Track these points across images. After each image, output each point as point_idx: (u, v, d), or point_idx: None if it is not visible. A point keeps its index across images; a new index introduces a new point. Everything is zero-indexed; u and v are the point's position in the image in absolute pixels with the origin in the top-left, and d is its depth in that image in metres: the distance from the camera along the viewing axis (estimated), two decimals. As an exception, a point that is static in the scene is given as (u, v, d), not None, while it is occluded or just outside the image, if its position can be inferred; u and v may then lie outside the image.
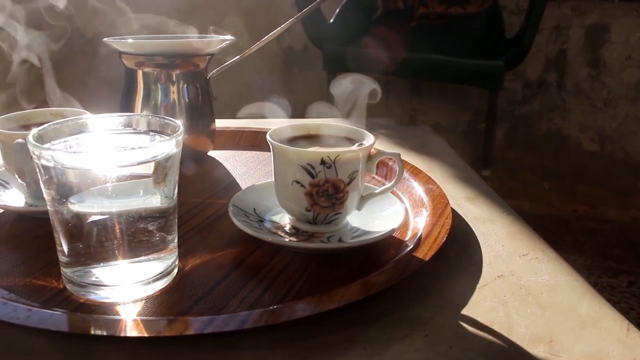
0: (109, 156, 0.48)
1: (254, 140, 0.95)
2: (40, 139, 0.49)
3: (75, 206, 0.48)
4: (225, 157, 0.89)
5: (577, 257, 2.03)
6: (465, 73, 1.99)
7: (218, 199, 0.73)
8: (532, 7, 1.95)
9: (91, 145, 0.53)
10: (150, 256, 0.51)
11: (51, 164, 0.46)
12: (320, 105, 0.95)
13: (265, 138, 0.92)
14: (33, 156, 0.48)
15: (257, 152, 0.92)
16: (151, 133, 0.54)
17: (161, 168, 0.48)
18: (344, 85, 0.72)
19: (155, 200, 0.49)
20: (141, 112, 0.79)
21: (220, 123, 0.91)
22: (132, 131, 0.55)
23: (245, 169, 0.84)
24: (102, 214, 0.48)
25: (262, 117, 0.85)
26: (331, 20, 2.18)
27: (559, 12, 2.28)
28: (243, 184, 0.78)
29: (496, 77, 1.97)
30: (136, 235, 0.49)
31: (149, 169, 0.47)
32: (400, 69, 2.05)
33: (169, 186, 0.50)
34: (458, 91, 2.41)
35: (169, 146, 0.48)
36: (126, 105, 0.80)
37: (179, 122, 0.51)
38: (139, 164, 0.46)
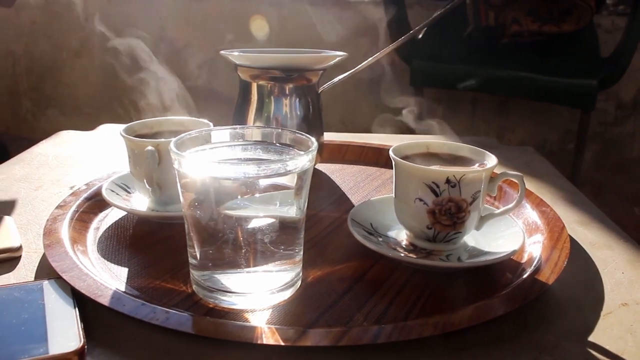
0: (249, 167, 0.50)
1: (359, 155, 0.96)
2: (178, 148, 0.51)
3: (211, 212, 0.50)
4: (332, 171, 0.90)
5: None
6: (556, 92, 1.95)
7: (331, 212, 0.74)
8: (630, 26, 1.89)
9: (225, 155, 0.55)
10: (279, 266, 0.53)
11: (191, 172, 0.49)
12: (406, 121, 0.95)
13: (370, 153, 0.94)
14: (174, 163, 0.50)
15: (363, 167, 0.93)
16: (279, 145, 0.56)
17: (299, 181, 0.50)
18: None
19: (291, 212, 0.51)
20: (254, 123, 0.82)
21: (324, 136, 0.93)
22: (261, 142, 0.56)
23: (353, 183, 0.85)
24: (237, 221, 0.50)
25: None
26: (420, 36, 2.17)
27: (658, 31, 2.20)
28: (353, 198, 0.79)
29: (589, 97, 1.92)
30: (267, 245, 0.51)
31: (291, 181, 0.49)
32: (489, 85, 2.02)
33: (303, 199, 0.51)
34: (546, 110, 2.36)
35: (305, 159, 0.49)
36: (240, 116, 0.83)
37: (313, 138, 0.52)
38: (279, 175, 0.48)
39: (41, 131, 2.54)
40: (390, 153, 0.62)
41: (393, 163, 0.61)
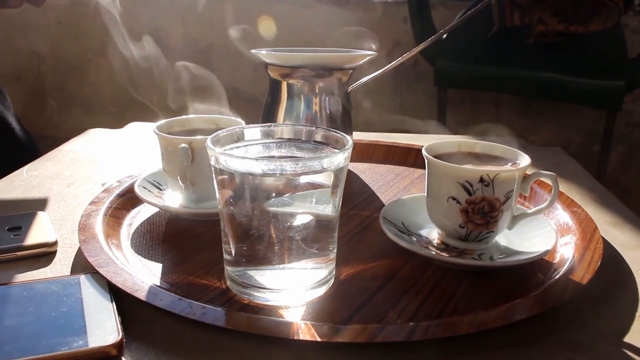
0: (286, 164, 0.50)
1: (387, 154, 0.96)
2: (214, 145, 0.52)
3: (247, 209, 0.50)
4: (360, 170, 0.90)
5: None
6: (582, 93, 1.93)
7: (361, 210, 0.74)
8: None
9: (260, 152, 0.56)
10: (313, 264, 0.53)
11: (228, 169, 0.49)
12: (432, 122, 0.95)
13: (398, 152, 0.94)
14: (210, 159, 0.51)
15: (391, 166, 0.93)
16: (313, 143, 0.56)
17: (335, 179, 0.50)
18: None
19: (327, 210, 0.51)
20: (284, 122, 0.82)
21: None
22: (295, 140, 0.57)
23: (382, 182, 0.85)
24: (273, 218, 0.50)
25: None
26: (444, 36, 2.16)
27: (686, 32, 2.18)
28: (383, 197, 0.80)
29: (616, 98, 1.90)
30: (302, 242, 0.51)
31: (328, 179, 0.49)
32: (513, 86, 2.01)
33: (338, 197, 0.52)
34: (571, 111, 2.34)
35: (341, 157, 0.50)
36: (269, 114, 0.83)
37: (348, 136, 0.53)
38: (315, 173, 0.48)
39: (66, 130, 2.57)
40: (423, 152, 0.62)
41: (426, 162, 0.61)
